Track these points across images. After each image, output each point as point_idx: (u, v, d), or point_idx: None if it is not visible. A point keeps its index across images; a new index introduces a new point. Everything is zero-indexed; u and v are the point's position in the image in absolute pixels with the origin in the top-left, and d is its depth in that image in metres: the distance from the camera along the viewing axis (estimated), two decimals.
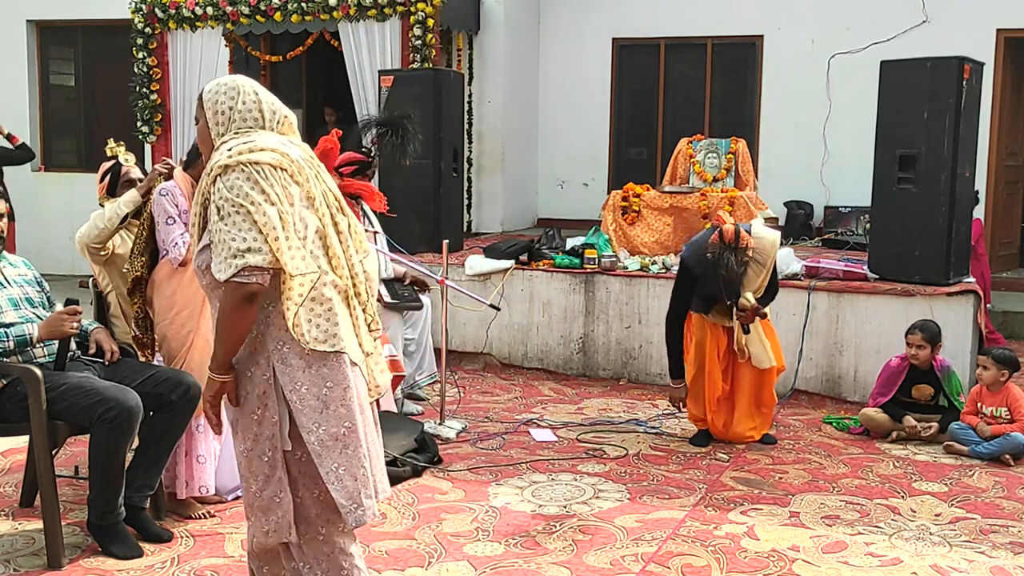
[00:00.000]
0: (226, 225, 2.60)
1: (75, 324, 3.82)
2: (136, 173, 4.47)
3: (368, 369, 2.81)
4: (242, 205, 2.59)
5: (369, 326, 2.84)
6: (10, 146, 8.76)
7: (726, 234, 5.00)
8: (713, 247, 4.99)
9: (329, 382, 2.66)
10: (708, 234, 5.15)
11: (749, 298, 5.05)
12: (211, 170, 2.66)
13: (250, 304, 2.61)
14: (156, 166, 4.32)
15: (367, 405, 2.78)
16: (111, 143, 4.59)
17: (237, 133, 2.74)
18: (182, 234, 4.04)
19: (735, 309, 5.09)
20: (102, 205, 4.46)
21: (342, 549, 2.76)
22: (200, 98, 2.83)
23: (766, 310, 5.20)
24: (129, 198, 4.23)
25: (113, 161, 4.52)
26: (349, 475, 2.67)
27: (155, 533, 3.89)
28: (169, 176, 4.20)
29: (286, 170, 2.68)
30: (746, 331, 5.15)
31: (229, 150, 2.66)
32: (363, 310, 2.82)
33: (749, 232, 5.11)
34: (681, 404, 5.44)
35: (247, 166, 2.63)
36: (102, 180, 4.51)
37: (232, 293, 2.59)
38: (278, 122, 2.81)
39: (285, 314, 2.64)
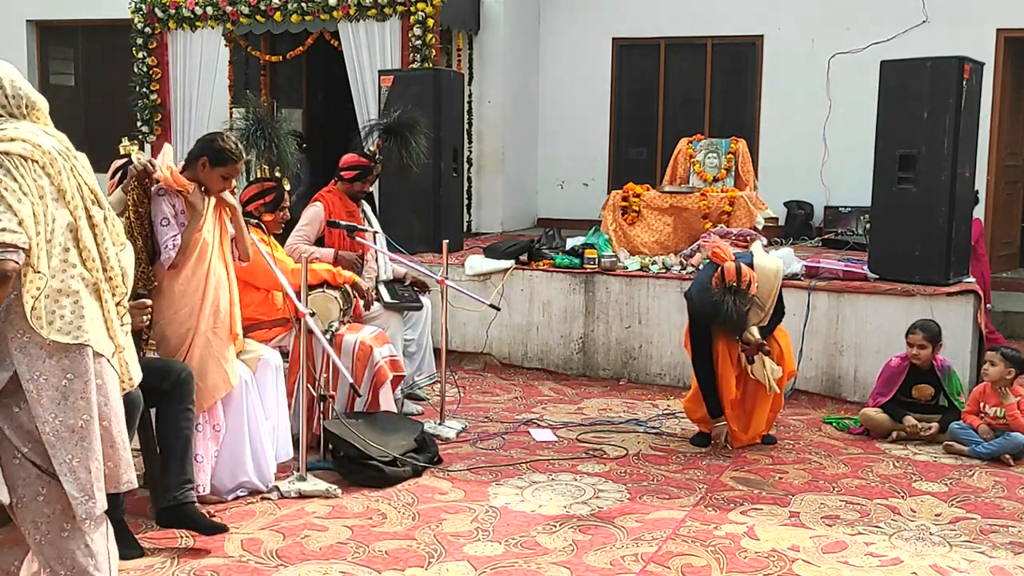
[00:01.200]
0: None
1: (145, 318, 3.82)
2: None
3: (121, 363, 2.79)
4: None
5: (121, 320, 2.82)
6: None
7: (727, 273, 4.89)
8: (714, 293, 4.87)
9: (70, 373, 2.63)
10: (710, 271, 5.01)
11: (754, 332, 5.01)
12: None
13: (2, 284, 2.53)
14: (132, 163, 4.30)
15: (116, 398, 2.75)
16: (125, 142, 4.60)
17: None
18: (174, 236, 4.09)
19: (740, 343, 5.07)
20: None
21: (87, 546, 2.72)
22: None
23: (768, 347, 5.12)
24: (116, 200, 4.23)
25: (126, 159, 4.52)
26: (83, 467, 2.65)
27: (210, 525, 3.88)
28: (145, 174, 4.18)
29: (37, 161, 2.63)
30: (751, 361, 5.12)
31: None
32: (117, 304, 2.80)
33: (751, 265, 5.03)
34: (724, 439, 5.20)
35: None
36: (112, 177, 4.52)
37: None
38: (27, 106, 2.75)
39: (24, 306, 2.59)
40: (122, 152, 4.56)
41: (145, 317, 3.84)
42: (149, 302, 3.89)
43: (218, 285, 4.17)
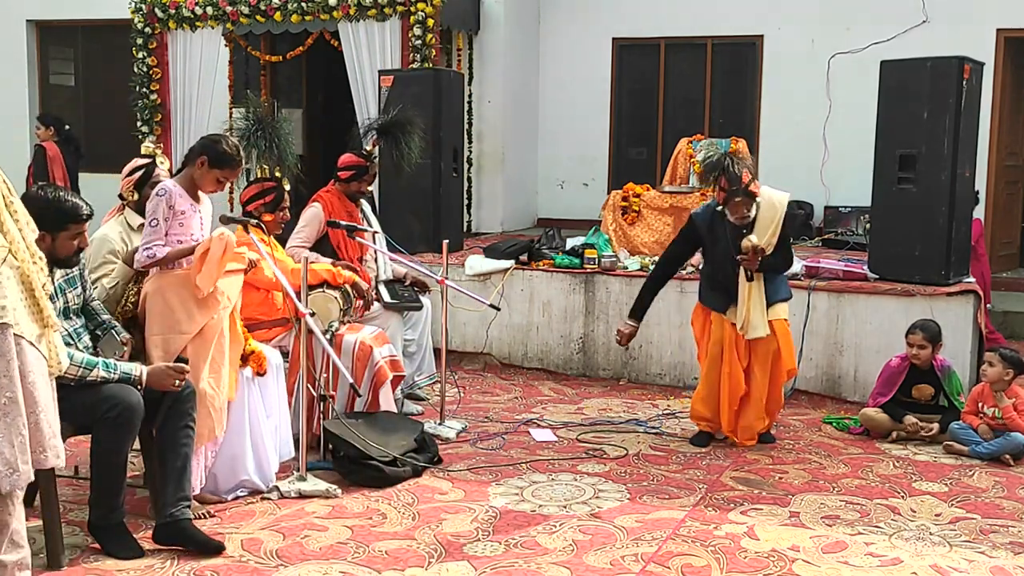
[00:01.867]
0: None
1: (178, 382, 3.82)
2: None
3: (50, 346, 2.80)
4: None
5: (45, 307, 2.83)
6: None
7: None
8: (714, 154, 5.01)
9: None
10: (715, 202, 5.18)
11: (752, 239, 5.01)
12: None
13: None
14: (156, 164, 4.30)
15: (40, 381, 2.75)
16: (148, 143, 4.62)
17: None
18: (155, 245, 4.07)
19: (739, 254, 5.03)
20: (121, 198, 4.51)
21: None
22: None
23: (765, 250, 5.09)
24: (122, 274, 4.28)
25: (149, 160, 4.52)
26: (7, 442, 2.68)
27: (204, 542, 3.81)
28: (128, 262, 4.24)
29: None
30: (749, 278, 5.08)
31: None
32: (43, 288, 2.81)
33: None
34: (625, 340, 5.35)
35: None
36: (130, 175, 4.51)
37: None
38: None
39: None
40: (144, 153, 4.57)
41: (178, 383, 3.83)
42: (187, 367, 3.87)
43: (219, 341, 4.16)
